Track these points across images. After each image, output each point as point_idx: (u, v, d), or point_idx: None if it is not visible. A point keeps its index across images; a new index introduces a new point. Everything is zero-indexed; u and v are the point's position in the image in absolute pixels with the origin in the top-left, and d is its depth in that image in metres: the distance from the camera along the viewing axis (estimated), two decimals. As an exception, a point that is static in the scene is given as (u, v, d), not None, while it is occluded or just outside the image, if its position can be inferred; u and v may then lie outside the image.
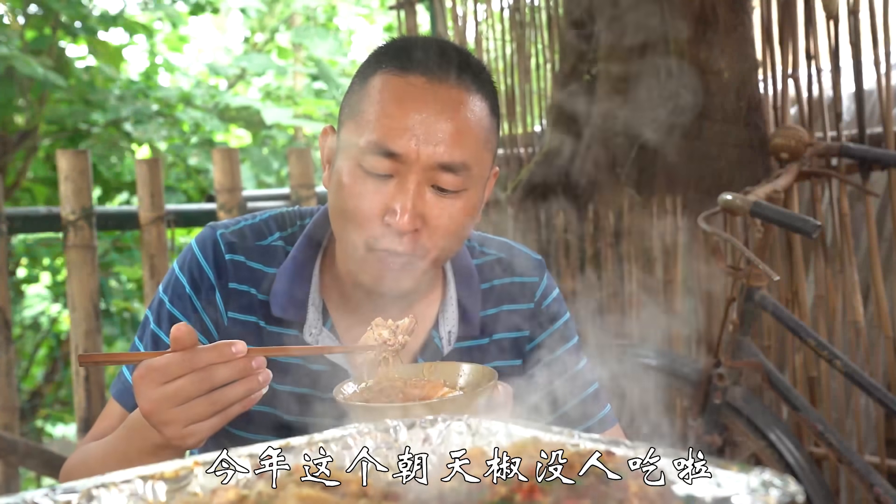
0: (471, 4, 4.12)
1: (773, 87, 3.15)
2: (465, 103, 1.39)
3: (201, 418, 1.19)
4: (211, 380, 1.18)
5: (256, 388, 1.21)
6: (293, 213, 1.58)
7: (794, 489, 0.80)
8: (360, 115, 1.39)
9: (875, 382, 2.60)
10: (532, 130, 3.94)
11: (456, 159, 1.37)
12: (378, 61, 1.44)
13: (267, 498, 0.88)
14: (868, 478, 2.56)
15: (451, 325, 1.54)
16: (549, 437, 1.00)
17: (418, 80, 1.38)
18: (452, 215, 1.39)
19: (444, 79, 1.39)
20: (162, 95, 6.37)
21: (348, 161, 1.39)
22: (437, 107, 1.37)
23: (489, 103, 1.44)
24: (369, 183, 1.37)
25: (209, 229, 1.53)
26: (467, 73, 1.41)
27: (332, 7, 9.13)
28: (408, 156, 1.35)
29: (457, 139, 1.37)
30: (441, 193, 1.38)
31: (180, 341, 1.18)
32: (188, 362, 1.17)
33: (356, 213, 1.38)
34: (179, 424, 1.19)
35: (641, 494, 0.82)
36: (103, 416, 1.53)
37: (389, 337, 1.31)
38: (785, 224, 2.48)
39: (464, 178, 1.39)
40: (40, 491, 0.87)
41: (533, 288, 1.61)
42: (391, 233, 1.37)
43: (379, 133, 1.36)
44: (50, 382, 5.75)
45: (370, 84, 1.41)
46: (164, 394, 1.18)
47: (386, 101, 1.38)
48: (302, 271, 1.50)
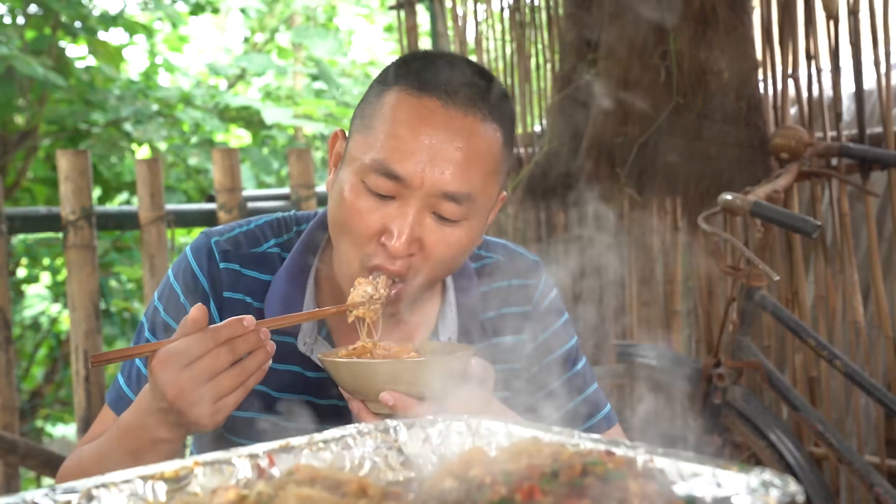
0: (471, 4, 4.12)
1: (773, 87, 3.15)
2: (478, 132, 1.36)
3: (228, 392, 1.21)
4: (234, 352, 1.20)
5: (267, 359, 1.24)
6: (289, 219, 1.57)
7: (794, 489, 0.80)
8: (370, 131, 1.37)
9: (875, 382, 2.60)
10: (532, 130, 3.94)
11: (461, 189, 1.34)
12: (396, 75, 1.40)
13: (267, 498, 0.88)
14: (868, 478, 2.56)
15: (451, 331, 1.53)
16: (549, 437, 1.00)
17: (433, 104, 1.34)
18: (450, 244, 1.37)
19: (460, 104, 1.35)
20: (162, 95, 6.37)
21: (352, 175, 1.37)
22: (447, 133, 1.34)
23: (503, 133, 1.40)
24: (370, 200, 1.35)
25: (204, 237, 1.52)
26: (486, 100, 1.37)
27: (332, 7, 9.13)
28: (412, 180, 1.33)
29: (463, 168, 1.34)
30: (441, 221, 1.36)
31: (199, 322, 1.21)
32: (210, 340, 1.19)
33: (354, 228, 1.37)
34: (209, 402, 1.20)
35: (641, 494, 0.83)
36: (98, 422, 1.53)
37: (373, 292, 1.34)
38: (785, 224, 2.48)
39: (467, 207, 1.36)
40: (40, 491, 0.87)
41: (531, 290, 1.61)
42: (386, 253, 1.36)
43: (385, 153, 1.34)
44: (50, 382, 5.75)
45: (385, 99, 1.38)
46: (191, 374, 1.19)
47: (397, 120, 1.35)
48: (296, 280, 1.49)
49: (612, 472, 0.86)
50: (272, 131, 7.32)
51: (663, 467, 0.89)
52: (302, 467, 0.95)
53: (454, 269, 1.45)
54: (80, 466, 1.41)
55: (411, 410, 1.23)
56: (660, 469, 0.89)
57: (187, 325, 1.21)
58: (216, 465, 0.95)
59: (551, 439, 0.99)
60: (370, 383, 1.25)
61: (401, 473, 1.05)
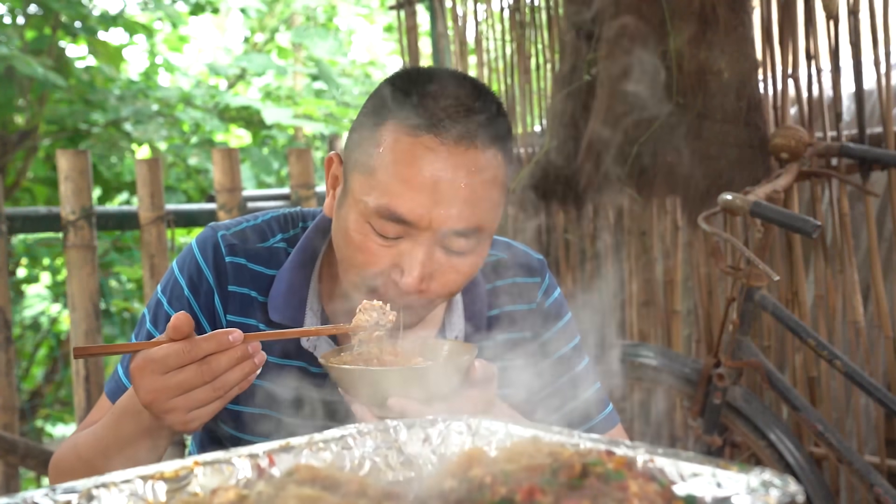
0: (471, 4, 4.12)
1: (773, 87, 3.15)
2: (481, 165, 1.33)
3: (203, 404, 1.21)
4: (212, 370, 1.19)
5: (253, 371, 1.23)
6: (296, 215, 1.57)
7: (794, 489, 0.80)
8: (370, 172, 1.34)
9: (875, 382, 2.60)
10: (532, 130, 3.94)
11: (470, 226, 1.34)
12: (389, 105, 1.35)
13: (267, 498, 0.88)
14: (868, 478, 2.56)
15: (458, 330, 1.54)
16: (549, 437, 1.00)
17: (432, 142, 1.31)
18: (461, 270, 1.37)
19: (460, 139, 1.32)
20: (162, 95, 6.37)
21: (357, 216, 1.35)
22: (451, 172, 1.31)
23: (504, 153, 1.38)
24: (378, 241, 1.34)
25: (210, 230, 1.52)
26: (484, 127, 1.34)
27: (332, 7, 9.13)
28: (419, 223, 1.32)
29: (471, 204, 1.33)
30: (451, 253, 1.36)
31: (179, 330, 1.19)
32: (187, 354, 1.18)
33: (362, 266, 1.36)
34: (182, 412, 1.21)
35: (641, 494, 0.83)
36: (95, 411, 1.53)
37: (380, 317, 1.33)
38: (785, 224, 2.48)
39: (476, 239, 1.36)
40: (40, 491, 0.87)
41: (535, 288, 1.61)
42: (396, 287, 1.35)
43: (389, 198, 1.31)
44: (50, 382, 5.75)
45: (380, 137, 1.34)
46: (165, 384, 1.19)
47: (398, 162, 1.32)
48: (300, 277, 1.49)
49: (612, 472, 0.86)
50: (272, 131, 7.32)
51: (663, 467, 0.89)
52: (302, 467, 0.95)
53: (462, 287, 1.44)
54: (77, 452, 1.42)
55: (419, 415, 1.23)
56: (660, 469, 0.89)
57: (168, 333, 1.20)
58: (216, 465, 0.95)
59: (551, 439, 1.00)
60: (377, 390, 1.25)
61: (401, 473, 1.05)
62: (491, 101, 1.38)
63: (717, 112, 3.07)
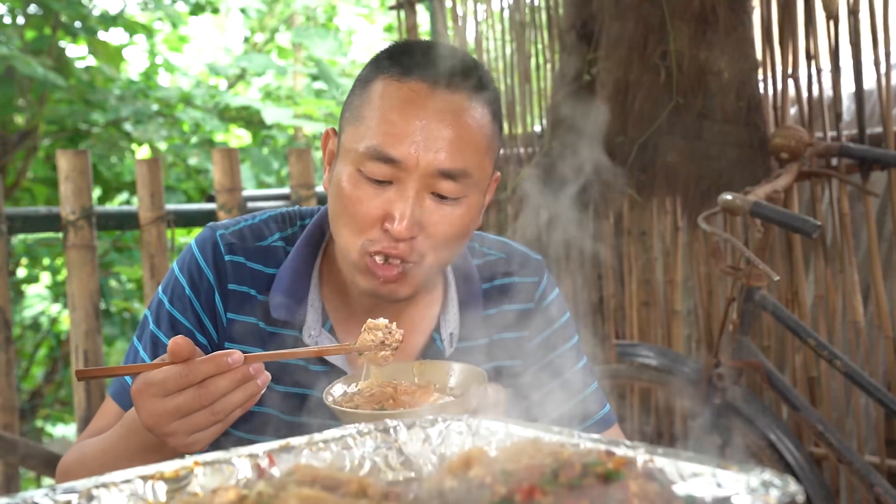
0: (471, 4, 4.12)
1: (773, 87, 3.15)
2: (466, 110, 1.38)
3: (203, 428, 1.21)
4: (210, 394, 1.18)
5: (256, 392, 1.22)
6: (293, 213, 1.58)
7: (794, 489, 0.80)
8: (361, 121, 1.39)
9: (875, 382, 2.60)
10: (532, 130, 3.94)
11: (456, 166, 1.37)
12: (379, 66, 1.42)
13: (267, 498, 0.88)
14: (868, 478, 2.56)
15: (453, 327, 1.54)
16: (549, 437, 1.00)
17: (419, 86, 1.37)
18: (451, 222, 1.39)
19: (446, 85, 1.38)
20: (162, 95, 6.37)
21: (348, 165, 1.39)
22: (437, 113, 1.36)
23: (491, 109, 1.43)
24: (368, 188, 1.37)
25: (209, 230, 1.53)
26: (469, 78, 1.40)
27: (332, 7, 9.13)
28: (407, 162, 1.35)
29: (457, 146, 1.37)
30: (440, 200, 1.38)
31: (177, 354, 1.19)
32: (185, 378, 1.18)
33: (354, 217, 1.38)
34: (183, 435, 1.21)
35: (641, 494, 0.82)
36: (100, 414, 1.53)
37: (385, 337, 1.32)
38: (785, 224, 2.48)
39: (464, 185, 1.38)
40: (40, 491, 0.87)
41: (533, 288, 1.61)
42: (388, 238, 1.36)
43: (379, 139, 1.36)
44: (50, 382, 5.75)
45: (371, 89, 1.40)
46: (164, 408, 1.19)
47: (386, 107, 1.37)
48: (301, 272, 1.50)
49: (612, 472, 0.86)
50: (272, 131, 7.32)
51: (663, 467, 0.89)
52: (302, 467, 0.95)
53: (456, 251, 1.45)
54: (84, 462, 1.42)
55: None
56: (660, 469, 0.89)
57: (168, 356, 1.20)
58: (216, 465, 0.95)
59: (551, 439, 0.99)
60: None
61: (401, 473, 1.05)
62: (480, 67, 1.45)
63: (717, 112, 3.07)
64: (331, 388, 1.32)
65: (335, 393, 1.32)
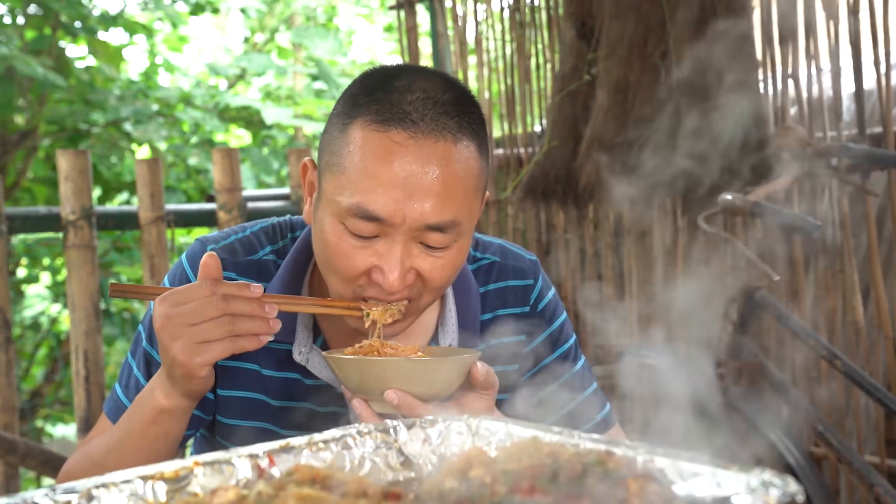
0: (471, 4, 4.12)
1: (773, 87, 3.15)
2: (452, 157, 1.30)
3: (211, 339, 1.23)
4: (227, 306, 1.22)
5: (267, 331, 1.25)
6: (283, 225, 1.55)
7: (794, 489, 0.80)
8: (341, 171, 1.31)
9: (875, 382, 2.60)
10: (532, 130, 3.94)
11: (444, 219, 1.30)
12: (357, 104, 1.33)
13: (267, 498, 0.88)
14: (868, 478, 2.56)
15: (452, 338, 1.52)
16: (549, 437, 1.00)
17: (400, 136, 1.28)
18: (444, 266, 1.34)
19: (429, 132, 1.29)
20: (162, 95, 6.37)
21: (331, 217, 1.33)
22: (421, 165, 1.28)
23: (477, 144, 1.34)
24: (354, 242, 1.32)
25: (199, 244, 1.51)
26: (453, 117, 1.31)
27: (332, 7, 9.13)
28: (393, 220, 1.29)
29: (443, 198, 1.29)
30: (430, 249, 1.33)
31: (207, 268, 1.25)
32: (208, 288, 1.23)
33: (341, 269, 1.34)
34: (189, 340, 1.22)
35: (641, 494, 0.83)
36: (96, 430, 1.52)
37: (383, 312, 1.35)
38: (785, 224, 2.48)
39: (453, 234, 1.33)
40: (40, 491, 0.87)
41: (528, 290, 1.60)
42: (379, 288, 1.33)
43: (361, 196, 1.29)
44: (50, 382, 5.75)
45: (350, 135, 1.31)
46: (180, 310, 1.22)
47: (367, 160, 1.29)
48: (291, 288, 1.47)
49: (612, 472, 0.86)
50: (272, 131, 7.32)
51: (663, 467, 0.89)
52: (302, 467, 0.95)
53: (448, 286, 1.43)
54: (89, 457, 1.41)
55: (415, 411, 1.22)
56: (660, 469, 0.89)
57: (199, 269, 1.26)
58: (216, 465, 0.95)
59: (551, 439, 0.99)
60: (377, 381, 1.25)
61: (401, 473, 1.05)
62: (462, 93, 1.36)
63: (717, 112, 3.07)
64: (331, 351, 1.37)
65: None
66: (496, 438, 1.06)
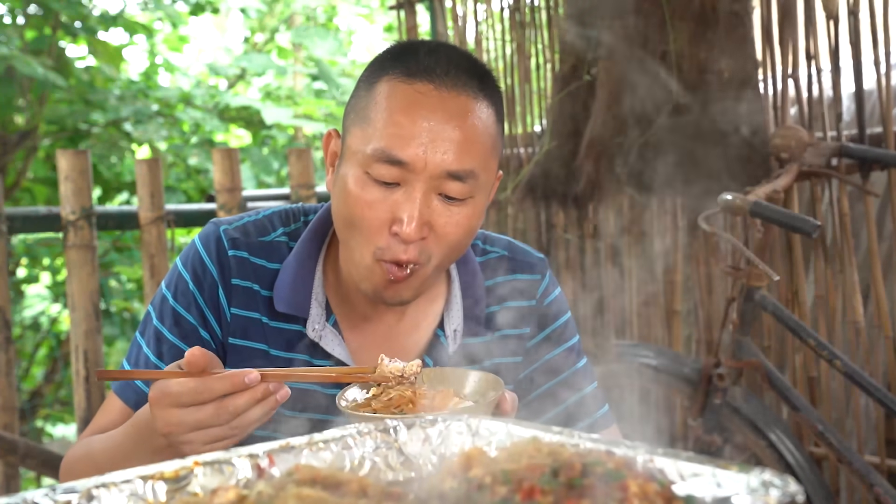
0: (471, 4, 4.12)
1: (773, 87, 3.15)
2: (473, 110, 1.39)
3: (220, 439, 1.21)
4: (229, 412, 1.19)
5: (274, 407, 1.23)
6: (297, 210, 1.59)
7: (794, 489, 0.80)
8: (367, 123, 1.39)
9: (875, 382, 2.60)
10: (532, 130, 3.94)
11: (464, 167, 1.37)
12: (383, 66, 1.42)
13: (267, 498, 0.88)
14: (868, 478, 2.56)
15: (457, 324, 1.55)
16: (549, 437, 1.00)
17: (425, 87, 1.37)
18: (459, 223, 1.39)
19: (452, 86, 1.38)
20: (162, 95, 6.37)
21: (354, 168, 1.39)
22: (444, 115, 1.37)
23: (495, 109, 1.44)
24: (375, 190, 1.37)
25: (212, 225, 1.54)
26: (474, 79, 1.41)
27: (332, 7, 9.13)
28: (415, 164, 1.35)
29: (464, 147, 1.37)
30: (448, 201, 1.39)
31: (194, 365, 1.20)
32: (200, 395, 1.18)
33: (362, 221, 1.38)
34: (198, 445, 1.21)
35: (641, 494, 0.83)
36: (103, 410, 1.53)
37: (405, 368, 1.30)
38: (785, 224, 2.48)
39: (471, 185, 1.39)
40: (40, 491, 0.87)
41: (535, 286, 1.62)
42: (397, 242, 1.37)
43: (386, 141, 1.36)
44: (50, 382, 5.74)
45: (376, 90, 1.40)
46: (182, 419, 1.20)
47: (393, 108, 1.37)
48: (305, 267, 1.50)
49: (612, 472, 0.86)
50: (272, 131, 7.31)
51: (663, 467, 0.89)
52: (302, 467, 0.95)
53: (462, 251, 1.46)
54: (92, 459, 1.41)
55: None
56: (660, 469, 0.89)
57: (184, 366, 1.21)
58: (216, 465, 0.95)
59: (551, 439, 0.99)
60: None
61: (401, 473, 1.05)
62: (483, 66, 1.46)
63: (717, 112, 3.07)
64: (344, 392, 1.31)
65: (349, 397, 1.30)
66: (496, 438, 1.06)
